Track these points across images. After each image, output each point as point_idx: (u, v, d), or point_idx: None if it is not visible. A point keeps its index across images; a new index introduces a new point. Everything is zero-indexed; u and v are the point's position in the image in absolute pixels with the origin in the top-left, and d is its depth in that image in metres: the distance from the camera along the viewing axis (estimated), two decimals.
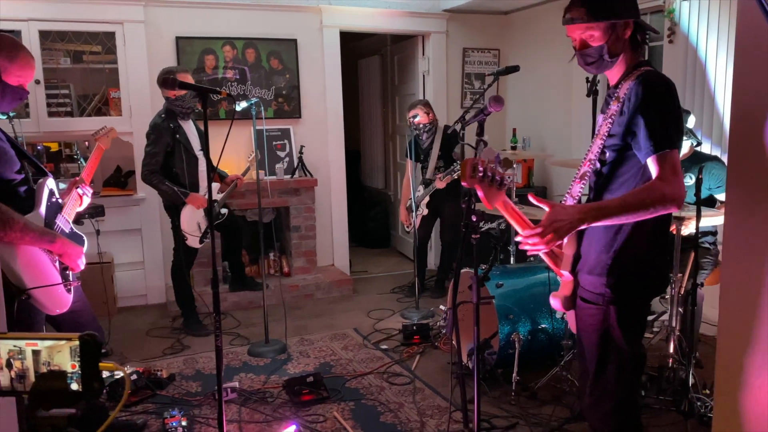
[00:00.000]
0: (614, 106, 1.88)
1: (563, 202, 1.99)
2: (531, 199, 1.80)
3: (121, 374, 3.42)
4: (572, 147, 5.24)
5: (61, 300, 2.35)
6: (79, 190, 2.63)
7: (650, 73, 1.84)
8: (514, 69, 3.72)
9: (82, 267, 2.44)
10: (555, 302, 2.07)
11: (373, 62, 7.33)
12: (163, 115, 4.15)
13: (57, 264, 2.37)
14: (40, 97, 4.65)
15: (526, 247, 1.81)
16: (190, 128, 4.27)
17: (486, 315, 3.60)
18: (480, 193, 1.74)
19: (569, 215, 1.77)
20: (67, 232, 2.49)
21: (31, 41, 4.54)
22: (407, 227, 5.16)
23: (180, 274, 4.33)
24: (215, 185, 4.41)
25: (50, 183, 2.47)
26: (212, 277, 2.41)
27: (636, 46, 1.90)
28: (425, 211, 5.02)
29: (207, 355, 3.97)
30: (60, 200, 2.52)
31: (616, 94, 1.89)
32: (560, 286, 2.05)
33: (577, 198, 1.94)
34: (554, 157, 5.22)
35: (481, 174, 1.70)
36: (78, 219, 3.84)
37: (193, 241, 4.25)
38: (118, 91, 4.90)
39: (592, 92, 2.81)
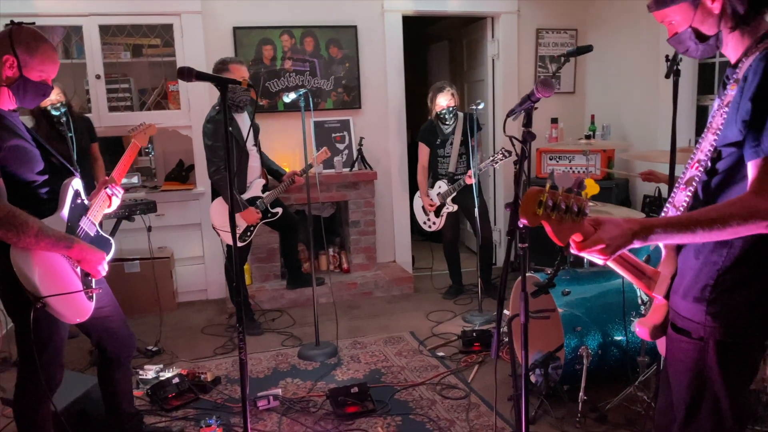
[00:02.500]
0: (732, 91, 1.47)
1: (665, 212, 1.63)
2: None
3: (165, 376, 3.34)
4: (658, 136, 4.72)
5: (80, 309, 2.23)
6: (108, 190, 2.50)
7: None
8: (587, 49, 3.36)
9: (104, 274, 2.32)
10: (641, 330, 1.68)
11: (442, 48, 7.01)
12: (217, 107, 4.04)
13: (78, 270, 2.26)
14: (101, 92, 4.66)
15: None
16: (243, 122, 4.13)
17: (551, 325, 3.25)
18: (548, 229, 1.36)
19: (621, 229, 1.41)
20: (92, 235, 2.38)
21: (91, 36, 4.56)
22: (429, 210, 4.78)
23: (229, 271, 4.22)
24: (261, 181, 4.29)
25: (76, 183, 2.36)
26: (234, 284, 2.21)
27: (748, 16, 1.46)
28: (454, 208, 4.66)
29: (256, 356, 3.84)
30: (86, 201, 2.41)
31: (735, 76, 1.48)
32: (650, 311, 1.68)
33: (680, 208, 1.57)
34: (635, 147, 4.73)
35: (550, 208, 1.32)
36: (130, 215, 3.83)
37: (228, 238, 4.11)
38: (176, 84, 4.86)
39: (672, 72, 2.37)
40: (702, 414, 1.55)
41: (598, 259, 1.47)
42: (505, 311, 3.95)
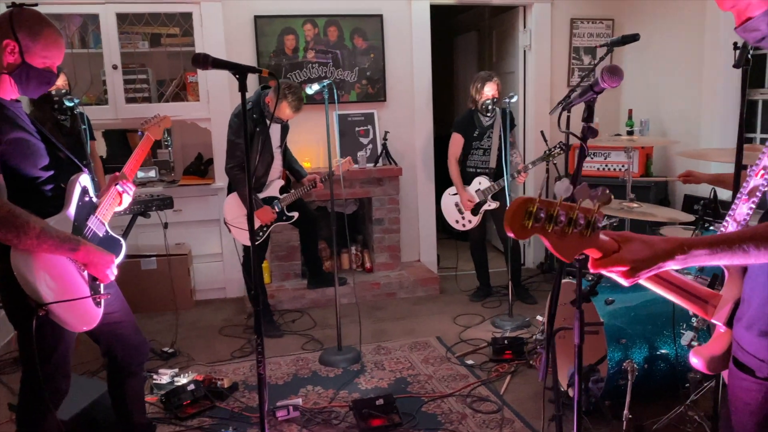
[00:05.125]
0: None
1: (724, 227, 1.39)
2: (602, 236, 1.17)
3: (180, 382, 3.17)
4: (701, 132, 4.45)
5: (87, 316, 2.06)
6: (119, 187, 2.32)
7: None
8: (633, 38, 3.11)
9: (113, 278, 2.14)
10: (698, 361, 1.45)
11: (470, 39, 6.76)
12: (249, 103, 3.86)
13: (85, 274, 2.08)
14: (118, 82, 4.51)
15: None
16: (274, 125, 3.99)
17: (591, 336, 3.02)
18: (547, 244, 1.13)
19: (651, 250, 1.17)
20: (101, 236, 2.20)
21: (108, 25, 4.41)
22: (465, 210, 4.48)
23: (247, 269, 4.05)
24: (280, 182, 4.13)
25: (84, 180, 2.18)
26: (253, 292, 2.02)
27: None
28: (496, 204, 4.40)
29: (275, 360, 3.66)
30: (94, 199, 2.23)
31: None
32: (710, 340, 1.45)
33: (742, 223, 1.34)
34: (676, 144, 4.45)
35: (544, 220, 1.09)
36: (145, 211, 3.67)
37: (239, 235, 3.95)
38: (195, 75, 4.69)
39: (743, 62, 2.11)
40: None
41: (621, 281, 1.21)
42: (539, 317, 3.74)
